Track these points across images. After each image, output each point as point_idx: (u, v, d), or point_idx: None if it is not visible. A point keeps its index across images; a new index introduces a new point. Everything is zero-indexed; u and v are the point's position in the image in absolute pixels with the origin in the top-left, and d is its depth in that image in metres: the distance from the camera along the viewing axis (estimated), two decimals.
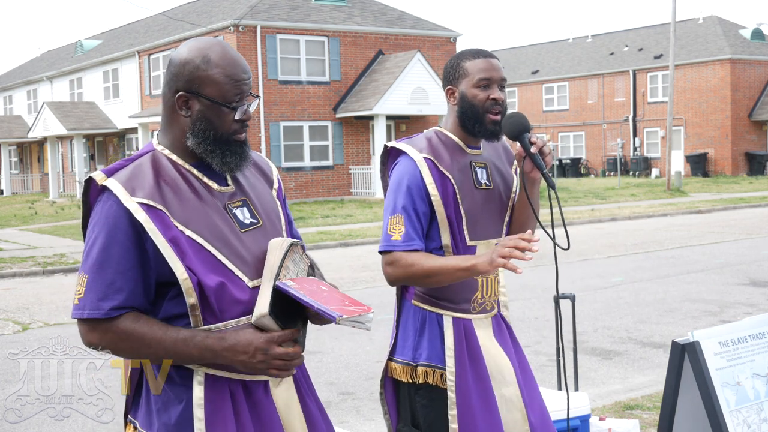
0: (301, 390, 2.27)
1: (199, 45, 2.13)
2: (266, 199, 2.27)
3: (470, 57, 2.80)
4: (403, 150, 2.78)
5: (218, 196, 2.15)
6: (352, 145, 28.92)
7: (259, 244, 2.15)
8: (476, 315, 2.82)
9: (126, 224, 2.00)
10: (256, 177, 2.30)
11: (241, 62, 2.13)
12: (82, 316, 2.01)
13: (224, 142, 2.12)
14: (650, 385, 6.26)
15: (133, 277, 2.01)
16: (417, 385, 2.78)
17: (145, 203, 2.01)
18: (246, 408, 2.12)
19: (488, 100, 2.74)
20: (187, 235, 2.03)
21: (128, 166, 2.11)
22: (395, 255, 2.66)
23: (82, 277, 2.03)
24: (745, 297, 9.65)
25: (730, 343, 2.54)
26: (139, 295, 2.03)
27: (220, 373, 2.09)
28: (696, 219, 20.36)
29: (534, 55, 50.25)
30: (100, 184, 2.05)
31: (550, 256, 14.08)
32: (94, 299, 2.00)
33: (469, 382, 2.73)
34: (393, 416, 2.89)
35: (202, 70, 2.09)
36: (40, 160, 41.56)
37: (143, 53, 32.22)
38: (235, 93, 2.10)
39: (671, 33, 28.78)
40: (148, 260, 2.02)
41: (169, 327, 2.03)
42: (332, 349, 7.58)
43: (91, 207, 2.08)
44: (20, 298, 11.29)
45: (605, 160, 42.95)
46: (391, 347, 2.87)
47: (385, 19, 30.17)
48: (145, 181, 2.06)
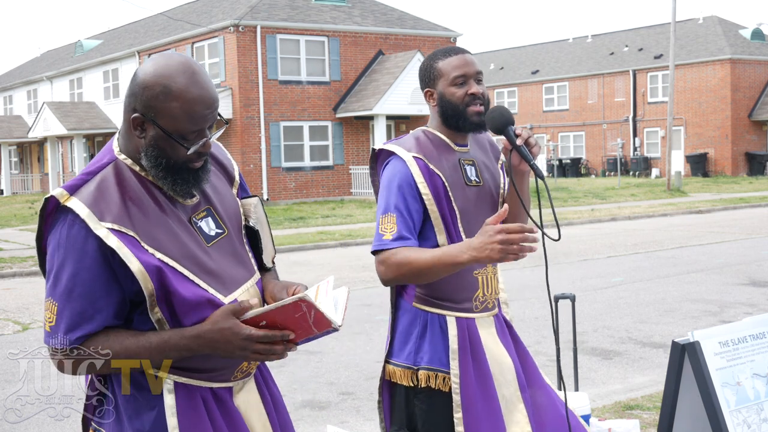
0: (260, 386, 2.26)
1: (163, 71, 1.98)
2: (229, 202, 2.22)
3: (442, 56, 2.80)
4: (393, 151, 2.77)
5: (182, 209, 2.09)
6: (352, 145, 28.92)
7: (226, 255, 2.12)
8: (479, 314, 2.80)
9: (94, 250, 1.93)
10: (218, 176, 2.24)
11: (204, 96, 1.99)
12: (55, 346, 1.97)
13: (177, 170, 2.03)
14: (650, 385, 6.26)
15: (104, 303, 1.96)
16: (417, 389, 2.75)
17: (116, 229, 1.94)
18: (219, 414, 2.10)
19: (467, 96, 2.74)
20: (158, 258, 1.97)
21: (91, 182, 2.00)
22: (386, 254, 2.62)
23: (52, 304, 1.96)
24: (745, 297, 9.64)
25: (730, 343, 2.54)
26: (111, 317, 1.98)
27: (191, 381, 2.07)
28: (696, 219, 20.36)
29: (534, 55, 50.25)
30: (62, 203, 1.95)
31: (550, 255, 13.98)
32: (64, 329, 1.96)
33: (473, 384, 2.71)
34: (387, 420, 2.86)
35: (161, 100, 1.96)
36: (40, 160, 41.56)
37: (143, 53, 32.22)
38: (192, 129, 1.99)
39: (671, 33, 28.78)
40: (118, 281, 1.96)
41: (140, 336, 1.98)
42: (332, 349, 7.58)
43: (50, 225, 1.98)
44: (20, 298, 11.29)
45: (605, 160, 42.95)
46: (388, 350, 2.84)
47: (385, 19, 30.17)
48: (112, 201, 1.97)
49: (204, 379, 2.09)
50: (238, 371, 2.16)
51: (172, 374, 2.05)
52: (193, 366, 2.07)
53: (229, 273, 2.10)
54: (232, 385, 2.16)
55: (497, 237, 2.32)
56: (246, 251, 2.22)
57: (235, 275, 2.13)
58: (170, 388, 2.04)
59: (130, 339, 1.98)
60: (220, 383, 2.12)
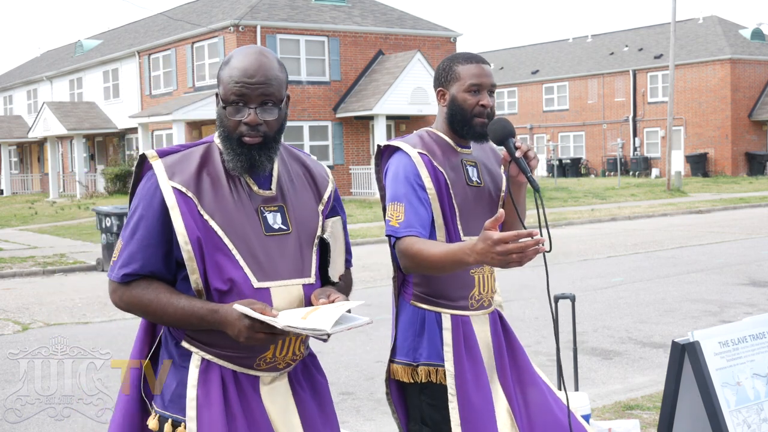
0: (296, 389, 2.29)
1: (237, 49, 2.26)
2: (306, 211, 2.32)
3: (463, 61, 2.85)
4: (398, 146, 2.84)
5: (255, 198, 2.24)
6: (352, 145, 28.91)
7: (280, 249, 2.23)
8: (474, 312, 2.86)
9: (158, 203, 2.17)
10: (305, 186, 2.36)
11: (249, 68, 2.18)
12: (110, 277, 2.24)
13: (232, 142, 2.21)
14: (650, 385, 6.26)
15: (153, 251, 2.18)
16: (422, 384, 2.82)
17: (178, 188, 2.17)
18: (236, 396, 2.20)
19: (477, 106, 2.81)
20: (209, 225, 2.16)
21: (180, 152, 2.26)
22: (404, 244, 2.66)
23: (119, 242, 2.24)
24: (745, 297, 9.64)
25: (730, 343, 2.54)
26: (159, 265, 2.19)
27: (214, 359, 2.21)
28: (696, 219, 20.36)
29: (534, 55, 50.24)
30: (149, 161, 2.23)
31: (550, 255, 13.99)
32: (120, 264, 2.21)
33: (468, 377, 2.76)
34: (402, 416, 2.92)
35: (221, 69, 2.24)
36: (40, 160, 41.55)
37: (143, 53, 32.22)
38: (235, 93, 2.17)
39: (671, 33, 28.78)
40: (172, 239, 2.17)
41: (173, 295, 2.17)
42: (332, 349, 7.58)
43: (140, 178, 2.26)
44: (20, 298, 11.28)
45: (605, 160, 42.95)
46: (392, 348, 2.91)
47: (385, 19, 30.17)
48: (187, 168, 2.21)
49: (226, 359, 2.21)
50: (260, 360, 2.22)
51: (200, 349, 2.22)
52: (217, 342, 2.19)
53: (274, 264, 2.21)
54: (258, 374, 2.24)
55: (496, 249, 2.33)
56: (309, 257, 2.30)
57: (281, 269, 2.22)
58: (197, 364, 2.21)
59: (166, 294, 2.18)
60: (243, 368, 2.22)
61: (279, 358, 2.24)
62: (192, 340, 2.23)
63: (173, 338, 2.26)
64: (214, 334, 2.18)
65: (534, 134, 46.72)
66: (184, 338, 2.24)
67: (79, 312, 10.10)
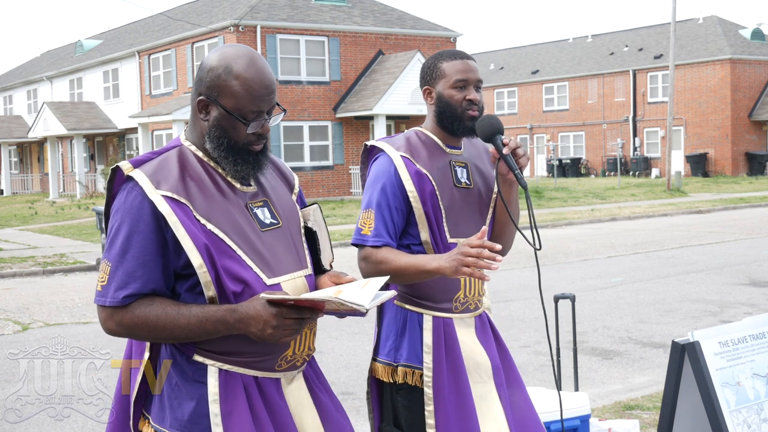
0: (312, 386, 2.30)
1: (227, 53, 2.15)
2: (286, 203, 2.31)
3: (448, 58, 2.84)
4: (381, 148, 2.83)
5: (240, 195, 2.19)
6: (352, 145, 28.92)
7: (278, 243, 2.20)
8: (458, 314, 2.84)
9: (149, 215, 2.05)
10: (278, 181, 2.35)
11: (263, 78, 2.13)
12: (104, 304, 2.07)
13: (237, 151, 2.16)
14: (650, 385, 6.26)
15: (152, 266, 2.06)
16: (398, 385, 2.81)
17: (169, 196, 2.06)
18: (261, 404, 2.14)
19: (464, 101, 2.79)
20: (209, 229, 2.08)
21: (155, 159, 2.15)
22: (367, 251, 2.71)
23: (106, 265, 2.09)
24: (745, 297, 9.64)
25: (730, 343, 2.54)
26: (159, 281, 2.08)
27: (234, 368, 2.12)
28: (696, 219, 20.36)
29: (534, 55, 50.24)
30: (126, 174, 2.10)
31: (550, 255, 14.12)
32: (115, 287, 2.06)
33: (445, 380, 2.75)
34: (376, 415, 2.92)
35: (223, 79, 2.12)
36: (40, 160, 41.55)
37: (143, 53, 32.22)
38: (252, 108, 2.13)
39: (671, 33, 28.78)
40: (168, 250, 2.07)
41: (181, 306, 2.06)
42: (332, 349, 7.57)
43: (114, 194, 2.13)
44: (20, 298, 11.28)
45: (605, 160, 42.94)
46: (374, 347, 2.91)
47: (385, 19, 30.17)
48: (170, 174, 2.11)
49: (246, 366, 2.14)
50: (281, 359, 2.19)
51: (217, 361, 2.11)
52: (235, 350, 2.12)
53: (278, 259, 2.19)
54: (278, 376, 2.19)
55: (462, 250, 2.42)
56: (302, 246, 2.29)
57: (284, 263, 2.20)
58: (215, 376, 2.11)
59: (173, 306, 2.06)
60: (265, 372, 2.16)
61: (298, 354, 2.22)
62: (205, 351, 2.12)
63: (182, 354, 2.14)
64: (230, 340, 2.10)
65: (534, 134, 46.72)
66: (196, 351, 2.13)
67: (79, 312, 10.10)
